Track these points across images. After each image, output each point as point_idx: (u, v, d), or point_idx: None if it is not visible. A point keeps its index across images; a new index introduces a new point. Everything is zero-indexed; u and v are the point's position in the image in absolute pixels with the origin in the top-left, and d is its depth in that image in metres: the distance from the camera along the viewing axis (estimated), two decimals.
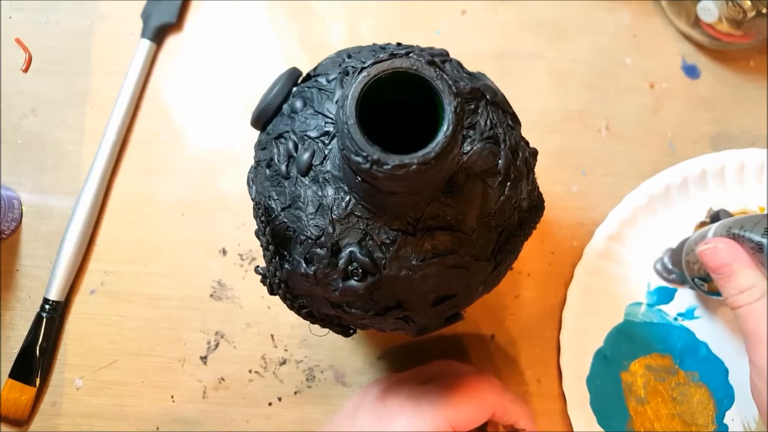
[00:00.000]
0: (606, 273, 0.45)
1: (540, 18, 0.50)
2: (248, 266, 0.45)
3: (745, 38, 0.46)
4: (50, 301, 0.44)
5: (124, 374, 0.44)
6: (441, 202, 0.28)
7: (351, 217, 0.28)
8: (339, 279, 0.29)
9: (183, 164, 0.47)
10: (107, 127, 0.47)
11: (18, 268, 0.46)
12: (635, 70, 0.49)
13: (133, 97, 0.47)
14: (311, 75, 0.33)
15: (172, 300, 0.45)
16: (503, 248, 0.31)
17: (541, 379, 0.44)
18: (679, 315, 0.45)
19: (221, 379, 0.44)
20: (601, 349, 0.44)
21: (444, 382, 0.36)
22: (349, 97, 0.24)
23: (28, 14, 0.49)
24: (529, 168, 0.32)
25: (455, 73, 0.31)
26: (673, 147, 0.48)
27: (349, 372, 0.44)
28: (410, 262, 0.28)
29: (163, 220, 0.46)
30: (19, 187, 0.47)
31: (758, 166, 0.46)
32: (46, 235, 0.46)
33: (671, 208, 0.46)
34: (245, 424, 0.43)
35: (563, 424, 0.44)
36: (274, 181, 0.30)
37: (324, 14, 0.50)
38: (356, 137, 0.23)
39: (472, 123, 0.29)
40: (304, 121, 0.30)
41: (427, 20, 0.50)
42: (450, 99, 0.23)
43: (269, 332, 0.45)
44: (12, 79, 0.48)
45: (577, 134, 0.48)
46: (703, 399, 0.43)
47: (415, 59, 0.24)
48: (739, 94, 0.49)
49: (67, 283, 0.44)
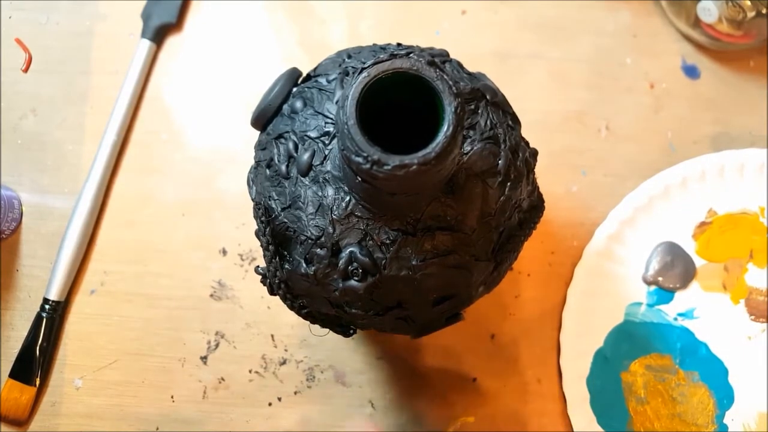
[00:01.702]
0: (606, 273, 0.45)
1: (540, 18, 0.50)
2: (248, 266, 0.45)
3: (745, 38, 0.46)
4: (50, 301, 0.44)
5: (124, 374, 0.44)
6: (441, 202, 0.28)
7: (351, 218, 0.28)
8: (339, 279, 0.29)
9: (183, 164, 0.47)
10: (107, 127, 0.47)
11: (18, 268, 0.46)
12: (635, 70, 0.49)
13: (133, 97, 0.47)
14: (311, 75, 0.33)
15: (172, 300, 0.45)
16: (503, 248, 0.31)
17: (541, 379, 0.44)
18: (679, 315, 0.45)
19: (221, 379, 0.44)
20: (601, 349, 0.44)
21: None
22: (349, 98, 0.24)
23: (28, 14, 0.49)
24: (529, 168, 0.32)
25: (455, 73, 0.31)
26: (673, 147, 0.48)
27: (349, 372, 0.44)
28: (410, 262, 0.28)
29: (163, 220, 0.46)
30: (19, 187, 0.47)
31: (758, 166, 0.46)
32: (46, 235, 0.46)
33: (671, 209, 0.46)
34: (245, 424, 0.43)
35: (563, 424, 0.44)
36: (274, 181, 0.30)
37: (324, 14, 0.50)
38: (356, 137, 0.23)
39: (472, 123, 0.29)
40: (305, 122, 0.30)
41: (427, 20, 0.50)
42: (450, 99, 0.23)
43: (269, 332, 0.45)
44: (12, 79, 0.48)
45: (577, 134, 0.48)
46: (703, 399, 0.43)
47: (415, 59, 0.24)
48: (739, 94, 0.49)
49: (67, 283, 0.44)
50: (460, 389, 0.44)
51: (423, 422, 0.44)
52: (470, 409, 0.44)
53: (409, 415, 0.44)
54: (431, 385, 0.44)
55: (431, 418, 0.44)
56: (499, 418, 0.44)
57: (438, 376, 0.44)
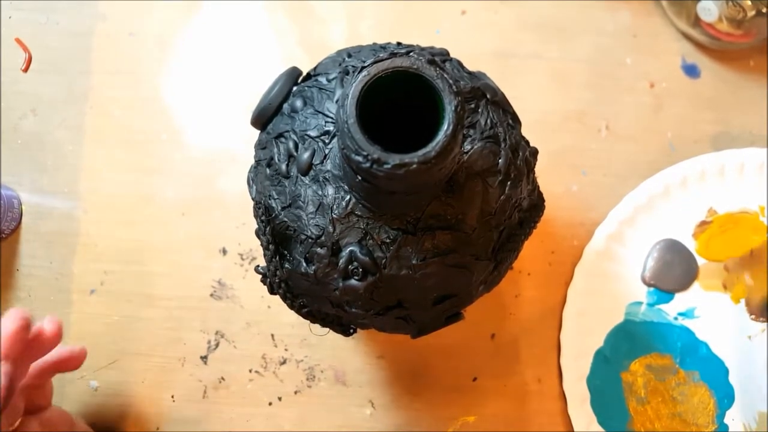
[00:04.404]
0: (606, 273, 0.45)
1: (540, 18, 0.50)
2: (248, 266, 0.45)
3: (745, 38, 0.46)
4: None
5: (124, 374, 0.44)
6: (441, 201, 0.28)
7: (351, 217, 0.28)
8: (339, 278, 0.29)
9: (183, 164, 0.47)
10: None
11: (18, 268, 0.46)
12: (635, 70, 0.49)
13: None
14: (311, 74, 0.33)
15: (172, 300, 0.45)
16: (503, 247, 0.31)
17: (541, 378, 0.44)
18: (679, 315, 0.45)
19: (221, 378, 0.44)
20: (601, 348, 0.44)
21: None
22: (349, 96, 0.24)
23: (28, 14, 0.49)
24: (529, 167, 0.32)
25: (455, 72, 0.31)
26: (673, 147, 0.48)
27: (349, 372, 0.44)
28: (410, 261, 0.28)
29: (163, 220, 0.46)
30: (19, 187, 0.47)
31: (758, 166, 0.46)
32: (46, 235, 0.46)
33: (671, 208, 0.46)
34: (245, 424, 0.43)
35: (563, 424, 0.44)
36: (274, 180, 0.30)
37: (324, 14, 0.50)
38: (356, 136, 0.23)
39: (472, 122, 0.29)
40: (305, 121, 0.30)
41: (427, 20, 0.50)
42: (450, 98, 0.23)
43: (269, 332, 0.45)
44: (12, 79, 0.48)
45: (577, 134, 0.48)
46: (703, 399, 0.43)
47: (415, 58, 0.24)
48: (739, 94, 0.49)
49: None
50: (460, 389, 0.44)
51: (423, 422, 0.44)
52: (470, 409, 0.44)
53: (409, 415, 0.44)
54: (431, 385, 0.44)
55: (431, 418, 0.44)
56: (499, 418, 0.44)
57: (438, 376, 0.44)
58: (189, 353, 0.44)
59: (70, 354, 0.40)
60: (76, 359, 0.40)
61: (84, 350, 0.40)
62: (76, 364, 0.40)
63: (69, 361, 0.39)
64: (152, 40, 0.49)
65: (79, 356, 0.40)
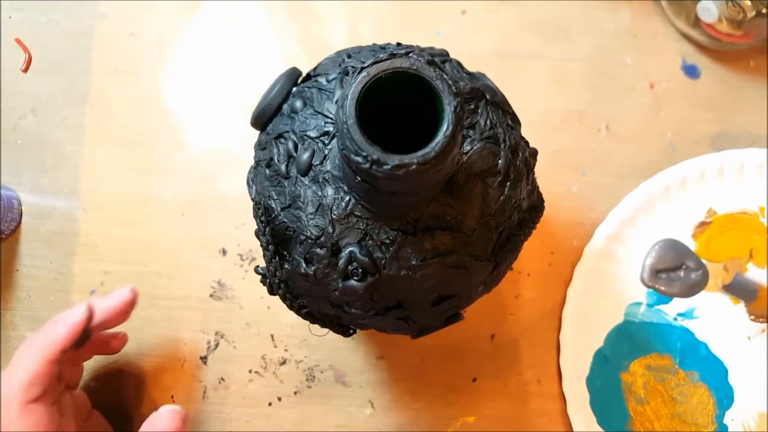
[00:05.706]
0: (606, 273, 0.45)
1: (540, 18, 0.50)
2: (248, 266, 0.45)
3: (745, 38, 0.46)
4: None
5: (124, 374, 0.44)
6: (441, 201, 0.28)
7: (351, 217, 0.28)
8: (339, 279, 0.29)
9: (183, 164, 0.47)
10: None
11: (18, 268, 0.46)
12: (635, 70, 0.49)
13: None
14: (311, 75, 0.33)
15: (172, 300, 0.45)
16: (503, 248, 0.31)
17: (541, 379, 0.44)
18: (679, 315, 0.45)
19: (221, 379, 0.44)
20: (601, 349, 0.44)
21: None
22: (348, 97, 0.24)
23: (28, 14, 0.49)
24: (528, 168, 0.32)
25: (455, 73, 0.31)
26: (673, 147, 0.48)
27: (349, 372, 0.44)
28: (410, 261, 0.28)
29: (163, 220, 0.46)
30: (19, 187, 0.47)
31: (758, 166, 0.46)
32: (46, 235, 0.46)
33: (671, 208, 0.46)
34: (245, 424, 0.43)
35: (563, 424, 0.44)
36: (273, 181, 0.30)
37: (324, 14, 0.50)
38: (356, 137, 0.23)
39: (471, 123, 0.29)
40: (304, 121, 0.30)
41: (427, 20, 0.50)
42: (450, 99, 0.23)
43: (269, 332, 0.45)
44: (12, 79, 0.48)
45: (577, 134, 0.48)
46: (702, 399, 0.43)
47: (414, 59, 0.24)
48: (739, 94, 0.49)
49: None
50: (460, 389, 0.44)
51: (423, 422, 0.44)
52: (470, 409, 0.44)
53: (409, 415, 0.44)
54: (431, 385, 0.44)
55: (431, 419, 0.44)
56: (499, 418, 0.44)
57: (438, 376, 0.44)
58: (189, 353, 0.44)
59: (112, 337, 0.41)
60: (118, 343, 0.41)
61: (125, 336, 0.41)
62: (117, 348, 0.41)
63: (110, 344, 0.41)
64: (152, 40, 0.49)
65: (121, 341, 0.41)
